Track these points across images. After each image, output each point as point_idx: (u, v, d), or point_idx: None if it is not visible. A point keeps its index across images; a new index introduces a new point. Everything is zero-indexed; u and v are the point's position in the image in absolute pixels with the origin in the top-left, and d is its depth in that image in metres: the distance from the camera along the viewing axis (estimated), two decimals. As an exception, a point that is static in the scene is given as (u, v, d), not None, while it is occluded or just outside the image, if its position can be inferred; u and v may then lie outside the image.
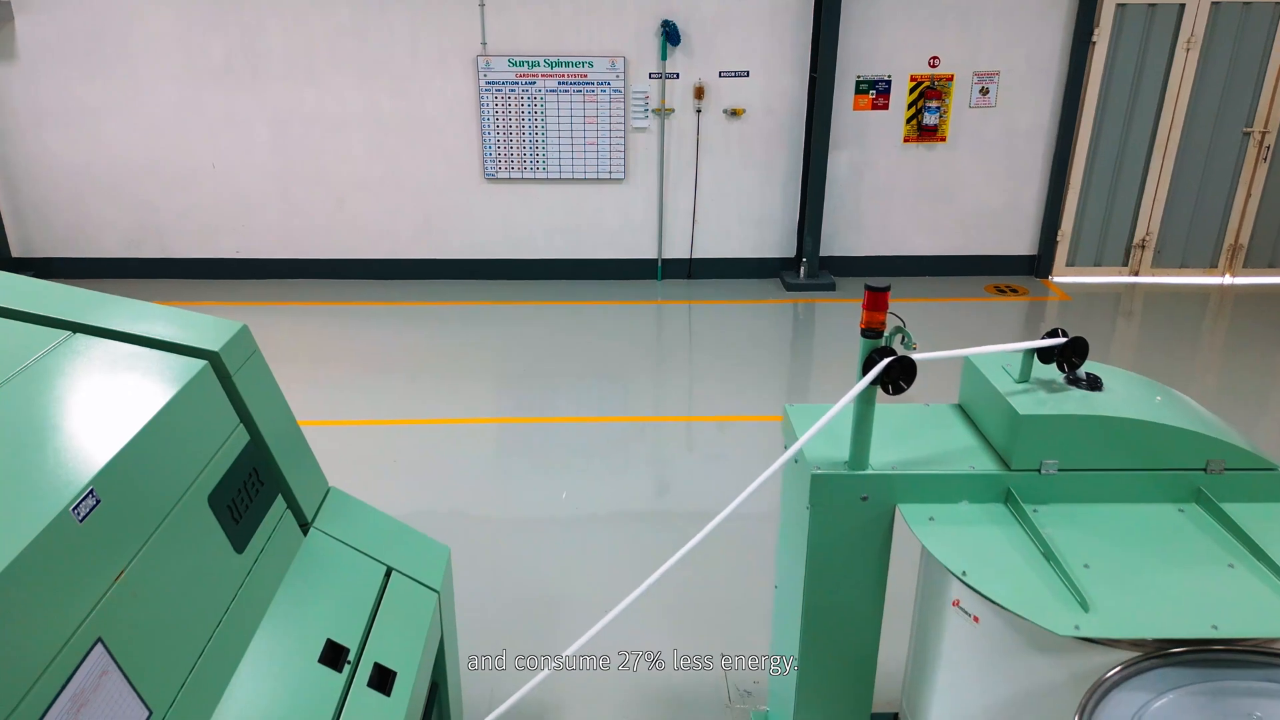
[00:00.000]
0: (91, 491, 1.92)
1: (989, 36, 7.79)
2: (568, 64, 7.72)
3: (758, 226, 8.33)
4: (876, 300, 2.41)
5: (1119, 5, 7.73)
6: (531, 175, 8.04)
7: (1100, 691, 1.99)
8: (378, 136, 7.93)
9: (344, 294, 8.06)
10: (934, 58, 7.83)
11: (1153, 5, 7.74)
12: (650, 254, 8.38)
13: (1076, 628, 2.13)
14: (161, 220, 8.15)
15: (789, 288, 8.20)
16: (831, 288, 8.16)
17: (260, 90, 7.76)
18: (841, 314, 7.73)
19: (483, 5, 7.60)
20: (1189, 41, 7.76)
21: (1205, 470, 2.57)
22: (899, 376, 2.39)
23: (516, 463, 5.32)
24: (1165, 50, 7.81)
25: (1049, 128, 8.05)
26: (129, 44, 7.61)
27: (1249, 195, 8.18)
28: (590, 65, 7.74)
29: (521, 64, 7.71)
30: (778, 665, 3.08)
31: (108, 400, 2.23)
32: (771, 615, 3.78)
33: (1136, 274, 8.49)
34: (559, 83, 7.77)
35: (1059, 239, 8.35)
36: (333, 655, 2.45)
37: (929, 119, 7.92)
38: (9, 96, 7.74)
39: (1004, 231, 8.37)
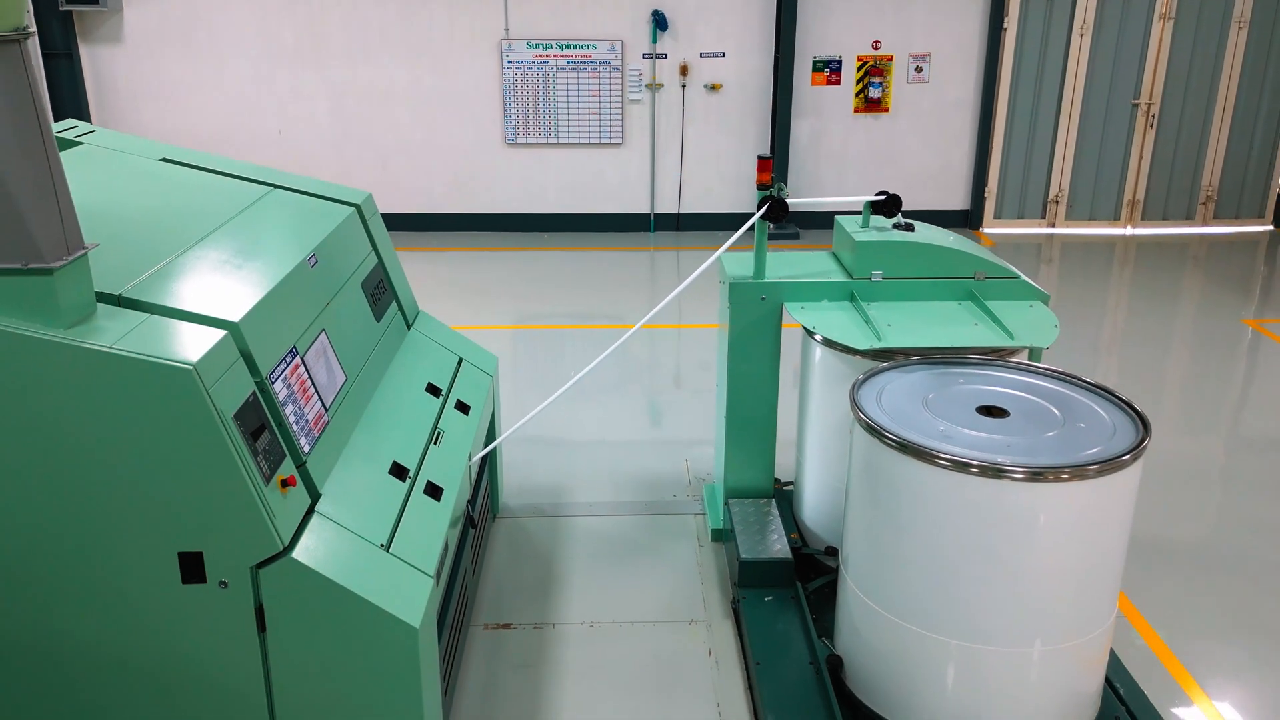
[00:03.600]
0: (314, 255, 3.52)
1: (920, 23, 9.40)
2: (575, 46, 9.34)
3: (734, 185, 9.90)
4: (765, 165, 4.02)
5: (1023, -3, 9.38)
6: (545, 140, 9.64)
7: (871, 372, 3.55)
8: (418, 107, 9.54)
9: (388, 240, 9.64)
10: (876, 41, 9.44)
11: (1051, -3, 9.39)
12: (644, 209, 9.96)
13: (870, 346, 3.71)
14: (234, 179, 9.74)
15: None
16: (796, 237, 9.72)
17: (322, 68, 9.38)
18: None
19: (507, -3, 9.26)
20: (1082, 27, 9.37)
21: (974, 278, 4.15)
22: (777, 211, 3.98)
23: (533, 355, 6.90)
24: (1063, 35, 9.42)
25: (973, 100, 9.65)
26: (215, 30, 9.23)
27: (1141, 157, 9.78)
28: (594, 47, 9.35)
29: (537, 46, 9.33)
30: (715, 431, 4.64)
31: (308, 219, 3.84)
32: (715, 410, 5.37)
33: (1053, 225, 10.07)
34: (568, 62, 9.38)
35: (986, 195, 9.93)
36: (433, 389, 4.03)
37: (874, 93, 9.54)
38: (113, 75, 9.36)
39: (940, 189, 9.96)
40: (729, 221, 9.97)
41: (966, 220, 10.02)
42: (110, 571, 2.65)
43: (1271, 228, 10.09)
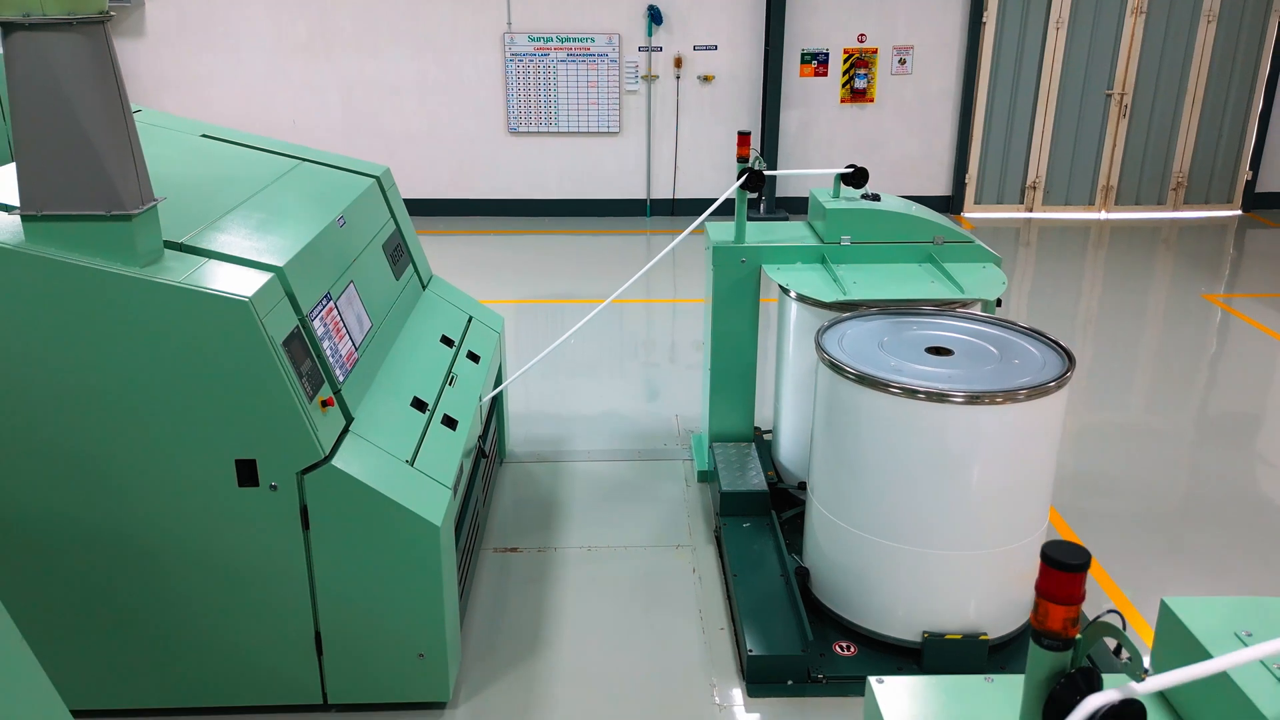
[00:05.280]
0: (342, 216, 3.97)
1: (903, 17, 9.86)
2: (574, 39, 9.79)
3: (727, 172, 10.34)
4: (744, 140, 4.47)
5: (1002, -7, 9.84)
6: (546, 129, 10.10)
7: (835, 320, 4.00)
8: (425, 98, 9.99)
9: (396, 225, 10.09)
10: (861, 34, 9.89)
11: (1028, -7, 9.84)
12: (640, 194, 10.42)
13: (836, 299, 4.17)
14: (249, 167, 10.20)
15: (752, 222, 10.20)
16: (785, 220, 10.17)
17: (333, 61, 9.84)
18: (790, 238, 9.76)
19: (509, -7, 9.71)
20: (1058, 21, 9.83)
21: (934, 243, 4.60)
22: (755, 181, 4.44)
23: (535, 328, 7.36)
24: (1040, 29, 9.88)
25: (954, 91, 10.11)
26: (232, 24, 9.69)
27: (1114, 145, 10.24)
28: (592, 41, 9.81)
29: (538, 39, 9.79)
30: (700, 383, 5.10)
31: (335, 188, 4.29)
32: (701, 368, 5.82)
33: (1031, 210, 10.53)
34: (568, 55, 9.84)
35: (967, 181, 10.39)
36: (447, 340, 4.48)
37: (859, 84, 10.00)
38: (137, 67, 9.81)
39: (923, 176, 10.41)
40: (722, 207, 10.36)
41: (948, 206, 10.48)
42: (176, 476, 3.10)
43: (1240, 212, 10.55)
